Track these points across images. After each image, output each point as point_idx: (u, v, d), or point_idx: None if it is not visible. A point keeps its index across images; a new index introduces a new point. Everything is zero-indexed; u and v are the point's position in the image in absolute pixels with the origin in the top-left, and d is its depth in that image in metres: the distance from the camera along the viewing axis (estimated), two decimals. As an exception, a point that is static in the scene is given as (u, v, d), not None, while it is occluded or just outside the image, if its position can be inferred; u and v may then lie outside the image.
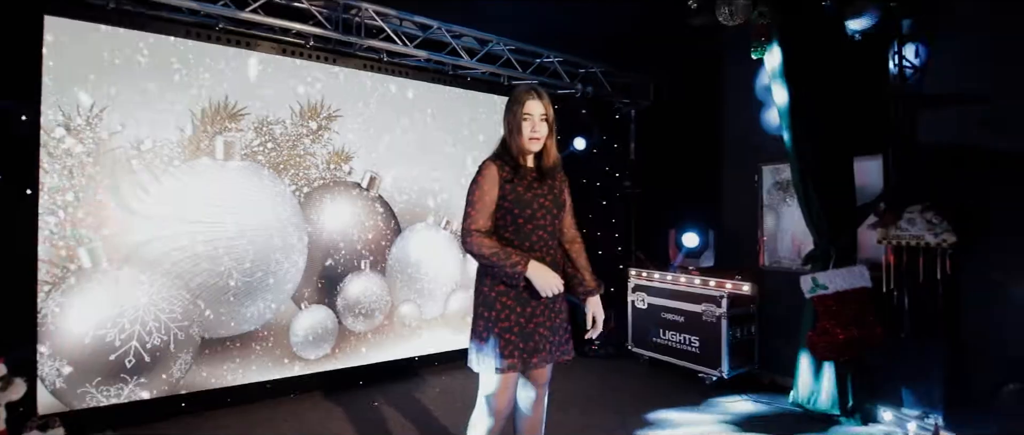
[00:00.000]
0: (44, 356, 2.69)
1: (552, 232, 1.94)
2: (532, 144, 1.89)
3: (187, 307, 3.05)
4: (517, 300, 1.85)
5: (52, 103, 2.69)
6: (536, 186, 1.91)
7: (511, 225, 1.86)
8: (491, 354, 1.84)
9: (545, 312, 1.89)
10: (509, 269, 1.77)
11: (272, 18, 3.19)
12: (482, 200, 1.83)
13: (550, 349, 1.91)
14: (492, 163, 1.88)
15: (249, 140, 3.25)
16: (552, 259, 1.94)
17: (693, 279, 3.91)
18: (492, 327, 1.83)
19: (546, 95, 1.96)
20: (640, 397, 3.49)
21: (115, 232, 2.85)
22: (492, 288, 1.86)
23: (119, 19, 2.86)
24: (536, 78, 4.41)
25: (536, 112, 1.90)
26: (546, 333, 1.90)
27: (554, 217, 1.94)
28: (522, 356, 1.84)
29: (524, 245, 1.87)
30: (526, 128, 1.87)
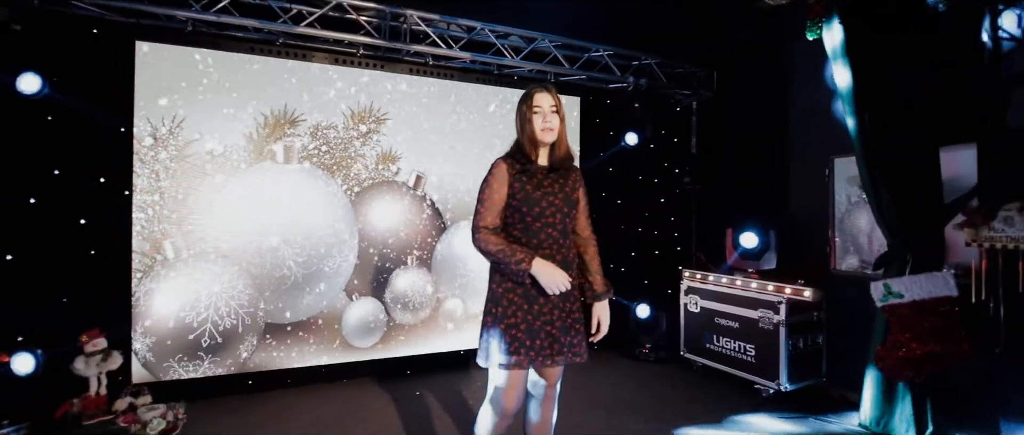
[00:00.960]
0: (136, 333, 3.14)
1: (563, 230, 1.92)
2: (545, 134, 1.89)
3: (252, 295, 3.40)
4: (525, 297, 1.85)
5: (142, 116, 3.13)
6: (546, 184, 1.91)
7: (520, 222, 1.88)
8: (497, 350, 1.86)
9: (554, 311, 1.87)
10: (514, 266, 1.78)
11: (326, 31, 3.44)
12: (491, 198, 1.86)
13: (559, 349, 1.88)
14: (502, 162, 1.90)
15: (306, 144, 3.54)
16: (562, 257, 1.91)
17: (750, 282, 3.63)
18: (499, 323, 1.85)
19: (555, 89, 1.95)
20: (678, 406, 3.31)
21: (193, 227, 3.25)
22: (500, 284, 1.88)
23: (195, 40, 3.26)
24: (585, 73, 4.34)
25: (545, 104, 1.90)
26: (556, 332, 1.87)
27: (565, 215, 1.92)
28: (528, 354, 1.84)
29: (532, 242, 1.87)
30: (537, 121, 1.89)
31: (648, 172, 4.97)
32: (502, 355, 1.84)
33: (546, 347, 1.86)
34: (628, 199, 4.88)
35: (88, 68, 3.05)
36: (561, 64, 4.24)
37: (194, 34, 3.26)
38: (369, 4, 3.52)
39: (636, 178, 4.94)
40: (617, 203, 4.85)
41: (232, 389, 3.36)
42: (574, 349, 1.92)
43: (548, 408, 2.03)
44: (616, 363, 4.22)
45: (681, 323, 4.11)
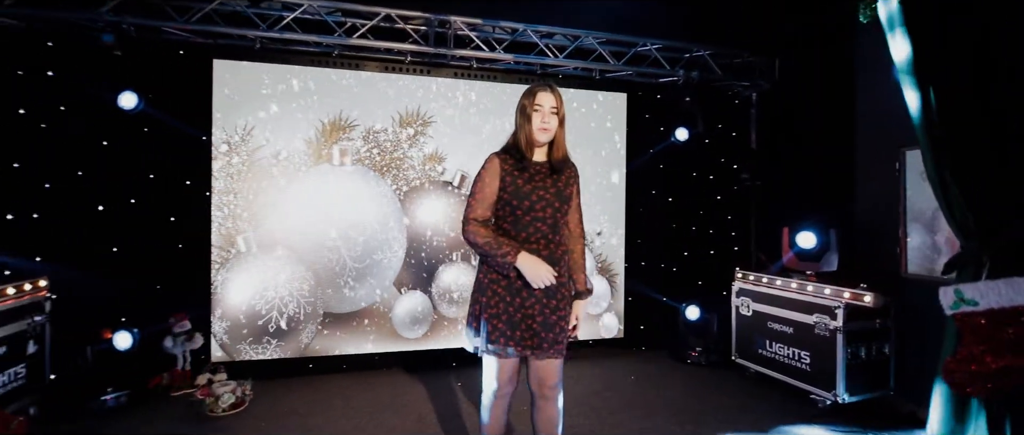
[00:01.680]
0: (215, 318, 3.56)
1: (552, 226, 1.94)
2: (541, 134, 1.92)
3: (313, 286, 3.72)
4: (508, 290, 1.90)
5: (219, 126, 3.55)
6: (538, 180, 1.94)
7: (509, 216, 1.92)
8: (479, 337, 1.94)
9: (536, 305, 1.90)
10: (500, 259, 1.84)
11: (377, 41, 3.69)
12: (482, 192, 1.92)
13: (539, 342, 1.90)
14: (496, 156, 1.95)
15: (358, 147, 3.81)
16: (549, 252, 1.94)
17: (805, 285, 3.39)
18: (482, 312, 1.92)
19: (558, 90, 1.98)
20: (723, 412, 3.17)
21: (262, 224, 3.63)
22: (487, 275, 1.94)
23: (262, 56, 3.62)
24: (631, 68, 4.26)
25: (546, 104, 1.93)
26: (536, 326, 1.90)
27: (556, 210, 1.94)
28: (508, 343, 1.89)
29: (520, 236, 1.91)
30: (536, 119, 1.92)
31: (703, 168, 4.78)
32: (483, 342, 1.92)
33: (527, 339, 1.90)
34: (680, 197, 4.72)
35: (175, 85, 3.50)
36: (606, 61, 4.20)
37: (262, 51, 3.62)
38: (416, 13, 3.72)
39: (690, 175, 4.77)
40: (668, 201, 4.71)
41: (294, 371, 3.71)
42: (556, 346, 1.93)
43: (551, 407, 2.04)
44: (664, 365, 4.11)
45: (732, 326, 3.93)
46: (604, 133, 4.40)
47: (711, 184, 4.82)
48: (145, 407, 3.10)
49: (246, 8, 3.46)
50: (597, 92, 4.39)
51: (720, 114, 4.80)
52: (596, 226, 4.39)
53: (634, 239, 4.58)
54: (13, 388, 2.80)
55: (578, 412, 3.17)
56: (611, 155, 4.41)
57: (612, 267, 4.43)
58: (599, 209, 4.39)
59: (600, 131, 4.39)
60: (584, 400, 3.36)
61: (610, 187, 4.42)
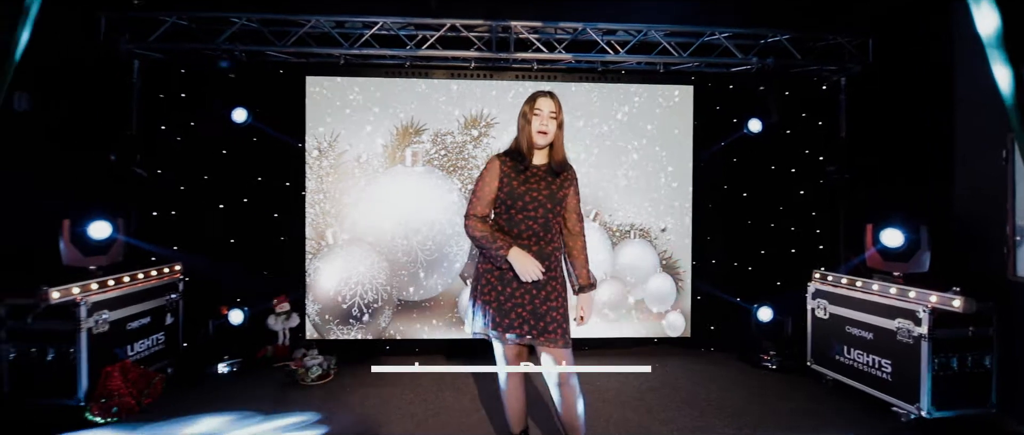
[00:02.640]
0: (309, 301, 4.09)
1: (544, 224, 2.08)
2: (539, 138, 2.07)
3: (389, 276, 4.13)
4: (500, 280, 2.07)
5: (310, 134, 4.06)
6: (533, 182, 2.08)
7: (504, 213, 2.10)
8: (472, 319, 2.15)
9: (526, 296, 2.05)
10: (494, 252, 2.02)
11: (444, 50, 3.98)
12: (482, 190, 2.10)
13: (528, 330, 2.04)
14: (496, 159, 2.13)
15: (427, 149, 4.14)
16: (540, 249, 2.08)
17: (887, 287, 3.10)
18: (476, 298, 2.12)
19: (557, 97, 2.13)
20: (787, 419, 3.01)
21: (346, 220, 4.09)
22: (482, 265, 2.13)
23: (345, 71, 4.08)
24: (698, 60, 4.15)
25: (545, 109, 2.08)
26: (525, 314, 2.04)
27: (548, 210, 2.08)
28: (498, 328, 2.06)
29: (513, 232, 2.08)
30: (535, 123, 2.07)
31: (783, 161, 4.48)
32: (478, 325, 2.12)
33: (515, 326, 2.04)
34: (757, 192, 4.48)
35: (276, 100, 4.07)
36: (671, 53, 4.13)
37: (345, 66, 4.08)
38: (478, 21, 3.95)
39: (768, 168, 4.50)
40: (742, 196, 4.49)
41: (373, 352, 4.13)
42: (547, 335, 2.05)
43: (568, 394, 2.14)
44: (731, 367, 3.96)
45: (808, 330, 3.68)
46: (668, 127, 4.32)
47: (793, 178, 4.51)
48: (252, 374, 3.67)
49: (332, 29, 3.92)
50: (661, 86, 4.32)
51: (803, 102, 4.47)
52: (660, 222, 4.32)
53: (703, 236, 4.44)
54: (155, 352, 3.50)
55: (630, 406, 3.21)
56: (676, 150, 4.32)
57: (677, 265, 4.34)
58: (664, 206, 4.32)
59: (664, 126, 4.31)
60: (638, 395, 3.38)
61: (675, 183, 4.32)
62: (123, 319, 3.25)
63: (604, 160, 4.25)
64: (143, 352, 3.40)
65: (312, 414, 3.05)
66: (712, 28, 4.09)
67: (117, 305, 3.20)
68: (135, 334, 3.34)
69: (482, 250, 2.11)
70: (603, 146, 4.26)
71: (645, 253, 4.30)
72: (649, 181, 4.30)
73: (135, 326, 3.35)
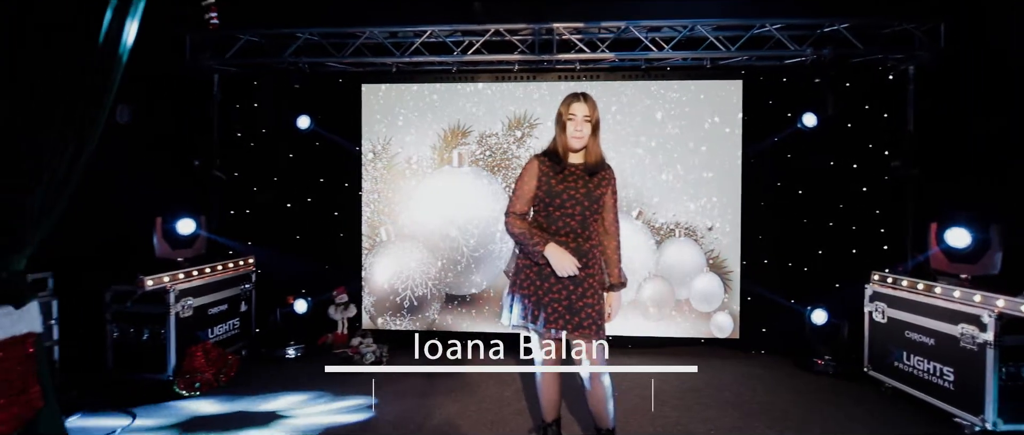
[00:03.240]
0: (365, 293, 4.39)
1: (582, 221, 2.14)
2: (574, 142, 2.14)
3: (437, 271, 4.35)
4: (538, 275, 2.15)
5: (366, 138, 4.36)
6: (571, 180, 2.15)
7: (543, 211, 2.18)
8: (510, 313, 2.24)
9: (563, 291, 2.12)
10: (531, 248, 2.12)
11: (489, 55, 4.14)
12: (521, 189, 2.19)
13: (564, 323, 2.12)
14: (536, 158, 2.22)
15: (473, 151, 4.31)
16: (576, 245, 2.15)
17: (951, 290, 2.90)
18: (515, 292, 2.21)
19: (591, 99, 2.17)
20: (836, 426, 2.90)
21: (398, 218, 4.36)
22: (520, 260, 2.22)
23: (397, 78, 4.34)
24: (748, 53, 4.04)
25: (580, 113, 2.14)
26: (561, 309, 2.12)
27: (584, 209, 2.14)
28: (534, 321, 2.15)
29: (551, 229, 2.16)
30: (570, 128, 2.14)
31: (844, 156, 4.25)
32: (515, 318, 2.21)
33: (552, 319, 2.12)
34: (813, 189, 4.28)
35: (335, 107, 4.40)
36: (718, 48, 4.04)
37: (397, 74, 4.34)
38: (521, 25, 4.07)
39: (826, 164, 4.28)
40: (797, 193, 4.31)
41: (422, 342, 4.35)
42: (581, 329, 2.12)
43: (597, 387, 2.22)
44: (782, 371, 3.82)
45: (865, 335, 3.50)
46: (715, 124, 4.22)
47: (854, 174, 4.27)
48: (314, 358, 4.00)
49: (386, 39, 4.18)
50: (708, 81, 4.23)
51: (867, 93, 4.23)
52: (707, 221, 4.25)
53: (754, 235, 4.31)
54: (231, 335, 3.91)
55: (670, 404, 3.21)
56: (724, 146, 4.22)
57: (725, 264, 4.24)
58: (710, 204, 4.24)
59: (711, 122, 4.23)
60: (678, 394, 3.36)
61: (723, 180, 4.22)
62: (205, 305, 3.67)
63: (647, 158, 4.24)
64: (221, 335, 3.81)
65: (366, 397, 3.30)
66: (763, 19, 3.97)
67: (200, 293, 3.62)
68: (214, 319, 3.76)
69: (521, 246, 2.21)
70: (646, 144, 4.25)
71: (690, 252, 4.24)
72: (694, 179, 4.23)
73: (215, 312, 3.76)
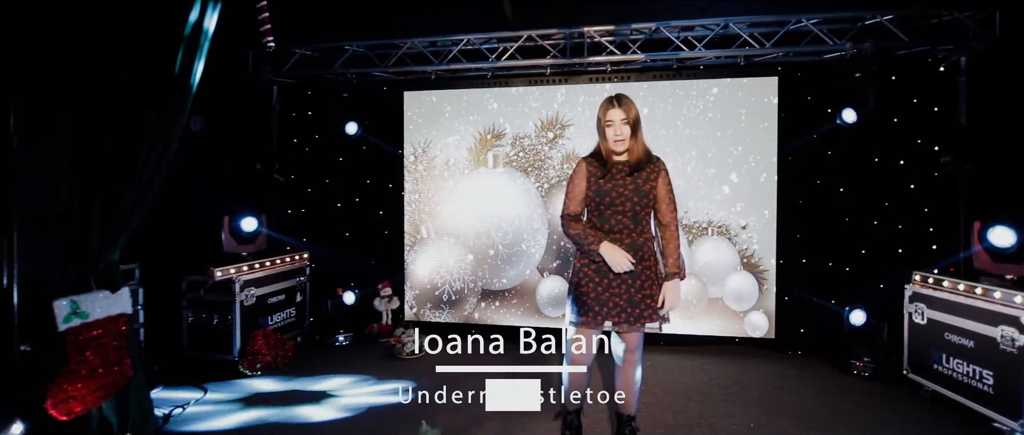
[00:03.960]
0: (407, 287, 4.69)
1: (634, 217, 2.26)
2: (616, 145, 2.26)
3: (473, 267, 4.58)
4: (597, 272, 2.28)
5: (408, 141, 4.65)
6: (619, 179, 2.27)
7: (595, 210, 2.31)
8: (571, 311, 2.37)
9: (622, 285, 2.26)
10: (586, 247, 2.25)
11: (522, 60, 4.32)
12: (572, 192, 2.32)
13: (626, 317, 2.26)
14: (583, 161, 2.33)
15: (507, 152, 4.51)
16: (631, 241, 2.26)
17: (992, 290, 2.79)
18: (575, 291, 2.34)
19: (627, 101, 2.27)
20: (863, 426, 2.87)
21: (437, 217, 4.62)
22: (580, 261, 2.36)
23: (436, 85, 4.60)
24: (784, 49, 4.00)
25: (617, 118, 2.24)
26: (622, 303, 2.25)
27: (634, 204, 2.25)
28: (596, 317, 2.28)
29: (604, 227, 2.29)
30: (610, 133, 2.25)
31: (891, 152, 4.10)
32: (574, 316, 2.33)
33: (613, 314, 2.26)
34: (856, 186, 4.15)
35: (379, 114, 4.73)
36: (751, 45, 4.02)
37: (436, 81, 4.60)
38: (553, 31, 4.22)
39: (870, 160, 4.15)
40: (838, 191, 4.20)
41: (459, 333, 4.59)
42: (641, 320, 2.25)
43: (630, 369, 2.38)
44: (816, 372, 3.76)
45: (904, 336, 3.40)
46: (749, 121, 4.20)
47: (901, 171, 4.11)
48: (360, 346, 4.34)
49: (425, 48, 4.45)
50: (741, 79, 4.21)
51: (914, 86, 4.06)
52: (741, 220, 4.23)
53: (792, 233, 4.24)
54: (288, 323, 4.31)
55: (695, 399, 3.27)
56: (758, 144, 4.18)
57: (760, 263, 4.21)
58: (744, 202, 4.22)
59: (744, 119, 4.20)
60: (705, 390, 3.42)
61: (758, 178, 4.19)
62: (265, 295, 4.07)
63: (679, 156, 4.27)
64: (279, 322, 4.22)
65: (408, 381, 3.57)
66: (798, 15, 3.92)
67: (261, 284, 4.03)
68: (273, 308, 4.17)
69: (578, 246, 2.33)
70: (678, 142, 4.28)
71: (724, 251, 4.24)
72: (727, 177, 4.23)
73: (274, 301, 4.17)
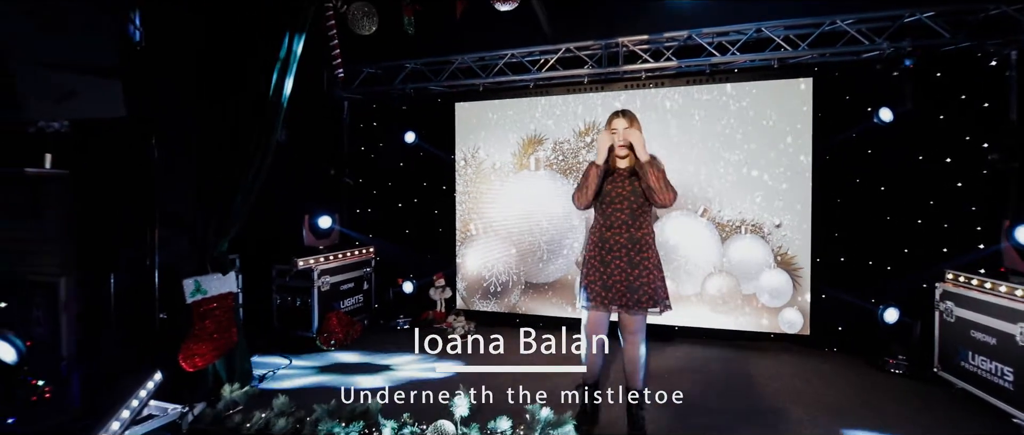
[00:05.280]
0: (458, 278, 5.21)
1: (631, 213, 2.61)
2: (619, 150, 2.63)
3: (517, 261, 5.01)
4: (601, 262, 2.65)
5: (459, 148, 5.16)
6: (619, 182, 2.64)
7: (598, 206, 2.70)
8: (581, 297, 2.75)
9: (621, 273, 2.61)
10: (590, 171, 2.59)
11: (562, 71, 4.69)
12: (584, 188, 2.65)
13: (625, 301, 2.61)
14: (592, 164, 2.65)
15: (548, 156, 4.89)
16: (628, 236, 2.61)
17: (1014, 289, 2.82)
18: (583, 280, 2.73)
19: (631, 113, 2.65)
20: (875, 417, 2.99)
21: (484, 215, 5.10)
22: (585, 254, 2.74)
23: (484, 96, 5.08)
24: (819, 51, 4.09)
25: (621, 127, 2.62)
26: (622, 288, 2.60)
27: (631, 204, 2.61)
28: (603, 301, 2.64)
29: (606, 222, 2.65)
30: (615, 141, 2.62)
31: (936, 150, 4.05)
32: (584, 301, 2.71)
33: (616, 297, 2.61)
34: (899, 185, 4.13)
35: (434, 123, 5.27)
36: (784, 48, 4.14)
37: (484, 92, 5.08)
38: (589, 42, 4.56)
39: (914, 158, 4.12)
40: (879, 190, 4.20)
41: (504, 322, 5.06)
42: (639, 305, 2.59)
43: (633, 349, 2.70)
44: (849, 368, 3.83)
45: (936, 334, 3.42)
46: (786, 122, 4.29)
47: (947, 168, 4.05)
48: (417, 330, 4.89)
49: (474, 63, 4.94)
50: (776, 80, 4.32)
51: (961, 82, 3.99)
52: (775, 218, 4.34)
53: (829, 232, 4.29)
54: (356, 308, 4.96)
55: (716, 386, 3.50)
56: (794, 144, 4.27)
57: (795, 261, 4.30)
58: (779, 201, 4.32)
59: (780, 120, 4.30)
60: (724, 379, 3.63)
61: (793, 177, 4.28)
62: (337, 283, 4.74)
63: (714, 157, 4.45)
64: (349, 306, 4.87)
65: (456, 363, 4.06)
66: (832, 16, 3.99)
67: (334, 273, 4.70)
68: (344, 294, 4.83)
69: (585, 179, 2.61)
70: (713, 143, 4.46)
71: (756, 248, 4.37)
72: (762, 178, 4.35)
73: (345, 288, 4.83)
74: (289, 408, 2.64)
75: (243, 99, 3.02)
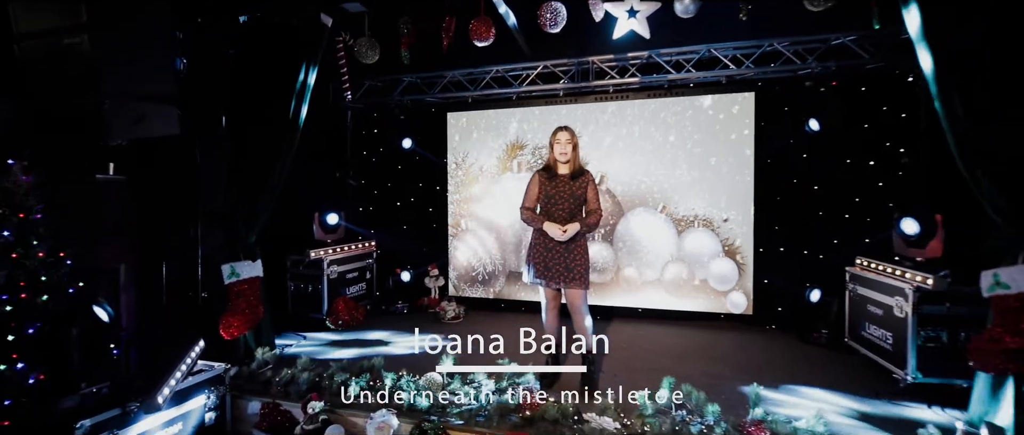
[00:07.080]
0: (450, 268, 5.87)
1: (569, 212, 3.26)
2: (561, 157, 3.28)
3: (502, 253, 5.67)
4: (543, 246, 3.29)
5: (450, 153, 5.82)
6: (561, 187, 3.28)
7: (543, 207, 3.34)
8: (528, 273, 3.39)
9: (558, 256, 3.24)
10: (536, 225, 3.27)
11: (541, 85, 5.35)
12: (528, 193, 3.35)
13: (561, 279, 3.24)
14: (536, 173, 3.36)
15: (529, 160, 5.54)
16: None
17: (894, 268, 3.47)
18: (528, 259, 3.38)
19: (571, 129, 3.32)
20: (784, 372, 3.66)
21: (473, 213, 5.76)
22: (532, 239, 3.39)
23: (472, 106, 5.73)
24: (761, 69, 4.74)
25: (563, 139, 3.28)
26: (561, 268, 3.24)
27: (569, 203, 3.26)
28: (543, 278, 3.28)
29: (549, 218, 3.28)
30: (557, 149, 3.28)
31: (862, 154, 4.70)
32: (530, 277, 3.35)
33: (553, 276, 3.24)
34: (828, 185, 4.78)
35: (429, 131, 5.93)
36: (731, 66, 4.79)
37: (472, 103, 5.73)
38: (564, 60, 5.21)
39: (842, 162, 4.77)
40: (813, 190, 4.85)
41: (491, 306, 5.73)
42: (574, 281, 3.22)
43: (578, 318, 3.31)
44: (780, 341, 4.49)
45: (846, 310, 4.09)
46: (733, 130, 4.94)
47: (871, 170, 4.70)
48: (414, 313, 5.57)
49: (464, 78, 5.59)
50: (725, 94, 4.97)
51: (883, 96, 4.64)
52: (724, 213, 4.99)
53: (771, 225, 4.94)
54: (360, 294, 5.63)
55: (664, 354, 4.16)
56: (739, 150, 4.92)
57: (741, 251, 4.96)
58: (727, 199, 4.96)
59: (728, 129, 4.95)
60: (678, 350, 4.28)
61: (739, 179, 4.93)
62: (344, 272, 5.40)
63: (672, 160, 5.10)
64: (354, 293, 5.54)
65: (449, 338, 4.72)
66: (771, 39, 4.64)
67: (341, 263, 5.36)
68: (350, 282, 5.49)
69: (531, 224, 3.33)
70: (672, 148, 5.11)
71: (707, 240, 5.03)
72: (711, 178, 5.01)
73: (350, 276, 5.50)
74: (311, 365, 3.30)
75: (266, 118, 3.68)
